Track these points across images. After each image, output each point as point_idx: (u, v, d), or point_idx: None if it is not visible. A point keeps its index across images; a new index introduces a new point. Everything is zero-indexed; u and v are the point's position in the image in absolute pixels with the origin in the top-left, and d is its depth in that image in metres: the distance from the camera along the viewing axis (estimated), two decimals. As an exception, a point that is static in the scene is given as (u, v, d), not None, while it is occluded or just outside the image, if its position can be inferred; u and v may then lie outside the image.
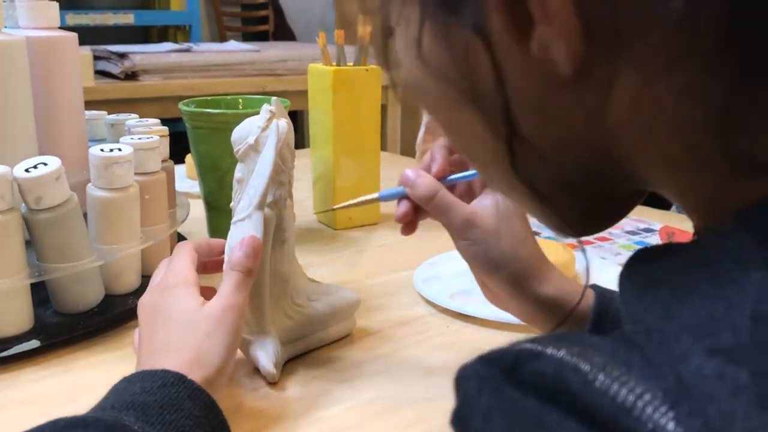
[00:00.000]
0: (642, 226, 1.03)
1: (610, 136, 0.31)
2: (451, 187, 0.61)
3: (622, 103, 0.29)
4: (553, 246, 0.79)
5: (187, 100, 0.93)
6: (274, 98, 0.67)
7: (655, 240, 0.94)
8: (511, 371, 0.24)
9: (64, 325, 0.68)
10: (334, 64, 1.02)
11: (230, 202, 0.94)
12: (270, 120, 0.65)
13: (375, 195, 0.64)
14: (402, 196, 0.61)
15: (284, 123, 0.65)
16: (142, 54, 2.32)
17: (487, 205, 0.59)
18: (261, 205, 0.61)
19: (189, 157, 1.27)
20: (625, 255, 0.89)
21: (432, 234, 0.70)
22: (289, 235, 0.67)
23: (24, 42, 0.72)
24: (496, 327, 0.72)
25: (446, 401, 0.27)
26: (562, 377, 0.23)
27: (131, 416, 0.45)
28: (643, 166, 0.31)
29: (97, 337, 0.69)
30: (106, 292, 0.73)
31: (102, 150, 0.70)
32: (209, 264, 0.63)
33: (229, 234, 0.62)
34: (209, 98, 0.97)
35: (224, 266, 0.62)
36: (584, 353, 0.24)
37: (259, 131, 0.64)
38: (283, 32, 4.04)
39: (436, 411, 0.53)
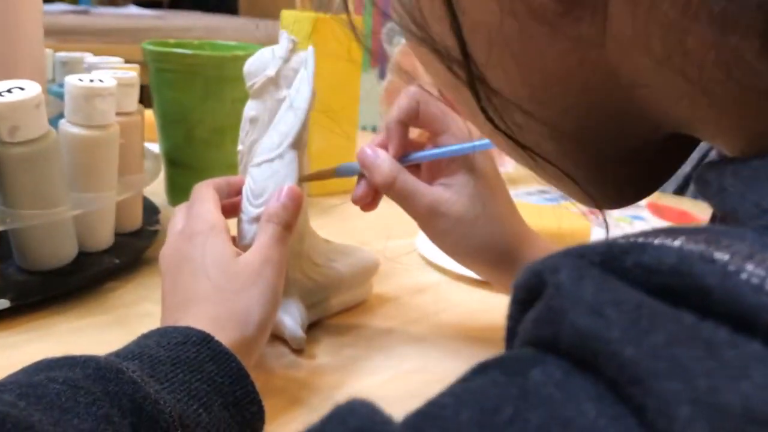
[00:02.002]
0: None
1: (613, 71, 0.25)
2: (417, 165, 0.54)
3: (625, 28, 0.24)
4: (568, 215, 0.74)
5: (150, 40, 0.82)
6: (284, 32, 0.58)
7: (645, 214, 0.91)
8: (610, 266, 0.19)
9: (35, 284, 0.57)
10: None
11: (198, 158, 0.85)
12: (293, 51, 0.57)
13: (331, 168, 0.57)
14: (361, 174, 0.54)
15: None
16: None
17: (457, 185, 0.51)
18: (296, 144, 0.52)
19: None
20: (624, 227, 0.85)
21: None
22: (305, 187, 0.58)
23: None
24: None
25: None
26: (688, 270, 0.18)
27: (135, 366, 0.37)
28: (665, 100, 0.25)
29: (72, 299, 0.59)
30: (79, 249, 0.62)
31: (81, 80, 0.59)
32: (227, 206, 0.53)
33: (251, 176, 0.54)
34: (174, 41, 0.86)
35: (241, 214, 0.53)
36: (714, 240, 0.18)
37: (281, 62, 0.56)
38: (182, 0, 3.83)
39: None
